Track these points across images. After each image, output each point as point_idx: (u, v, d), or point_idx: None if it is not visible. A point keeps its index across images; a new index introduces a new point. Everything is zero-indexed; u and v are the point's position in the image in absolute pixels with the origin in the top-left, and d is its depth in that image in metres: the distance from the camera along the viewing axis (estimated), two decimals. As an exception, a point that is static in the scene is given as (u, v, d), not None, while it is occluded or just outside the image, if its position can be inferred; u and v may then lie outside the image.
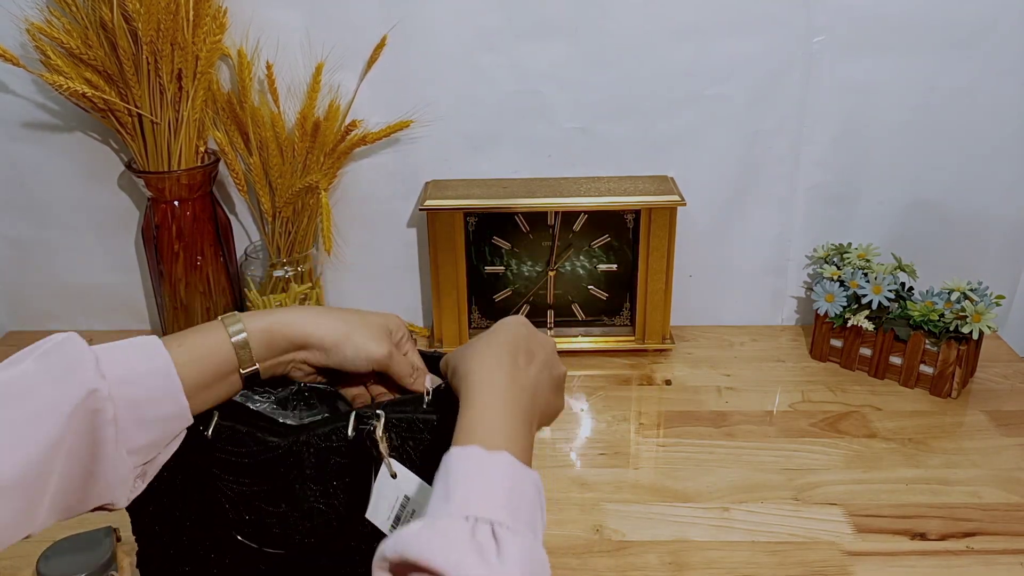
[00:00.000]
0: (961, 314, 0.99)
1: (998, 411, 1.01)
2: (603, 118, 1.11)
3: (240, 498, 0.64)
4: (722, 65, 1.08)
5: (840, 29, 1.05)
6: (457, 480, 0.49)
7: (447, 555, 0.43)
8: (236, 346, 0.57)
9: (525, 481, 0.51)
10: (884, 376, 1.08)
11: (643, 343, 1.15)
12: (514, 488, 0.49)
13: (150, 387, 0.53)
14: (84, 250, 1.19)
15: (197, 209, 1.07)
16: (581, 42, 1.07)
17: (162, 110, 1.01)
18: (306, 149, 1.06)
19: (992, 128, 1.10)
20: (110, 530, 0.79)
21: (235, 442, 0.62)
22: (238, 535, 0.65)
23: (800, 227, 1.17)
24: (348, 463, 0.62)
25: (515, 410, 0.55)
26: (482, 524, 0.45)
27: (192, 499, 0.64)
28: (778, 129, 1.11)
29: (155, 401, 0.53)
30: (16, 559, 0.79)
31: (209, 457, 0.62)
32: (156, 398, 0.53)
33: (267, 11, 1.05)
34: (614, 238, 1.13)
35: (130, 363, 0.53)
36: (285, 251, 1.11)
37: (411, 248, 1.20)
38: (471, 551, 0.44)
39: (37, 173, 1.14)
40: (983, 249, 1.17)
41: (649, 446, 0.96)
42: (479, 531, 0.45)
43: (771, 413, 1.02)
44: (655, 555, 0.79)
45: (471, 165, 1.14)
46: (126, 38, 0.96)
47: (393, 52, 1.06)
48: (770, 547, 0.80)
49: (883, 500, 0.86)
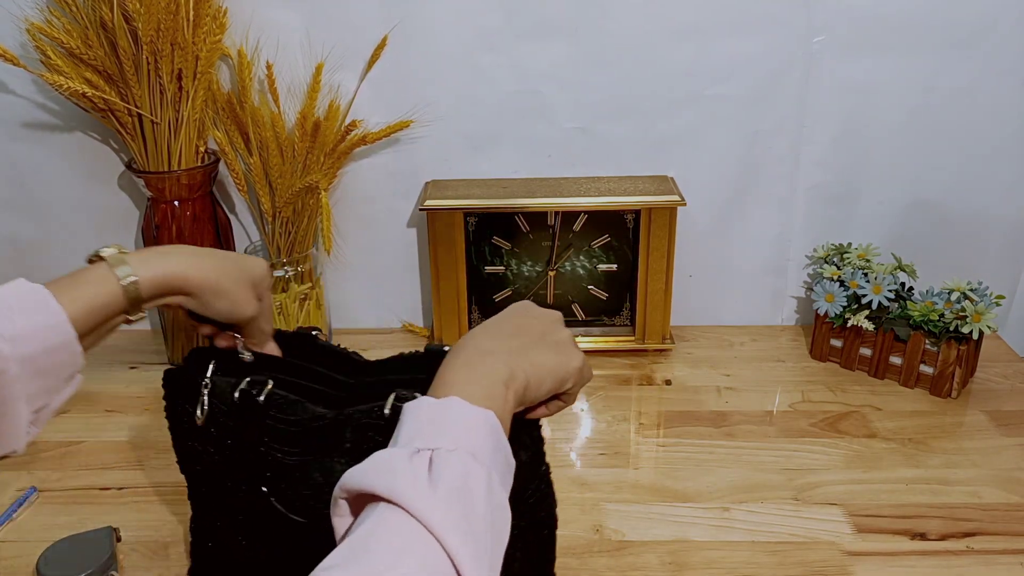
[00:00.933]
0: (961, 314, 0.99)
1: (998, 411, 1.01)
2: (603, 118, 1.11)
3: (281, 467, 0.65)
4: (722, 65, 1.08)
5: (840, 29, 1.05)
6: (403, 425, 0.51)
7: (383, 478, 0.45)
8: (126, 293, 0.59)
9: (477, 417, 0.51)
10: (884, 376, 1.08)
11: (643, 343, 1.15)
12: (460, 422, 0.51)
13: (47, 340, 0.54)
14: (84, 250, 1.17)
15: (197, 209, 1.07)
16: (581, 42, 1.07)
17: (162, 110, 1.01)
18: (306, 149, 1.06)
19: (992, 128, 1.10)
20: (110, 530, 0.79)
21: (285, 410, 0.64)
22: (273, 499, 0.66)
23: (800, 227, 1.18)
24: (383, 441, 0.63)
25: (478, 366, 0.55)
26: (422, 453, 0.47)
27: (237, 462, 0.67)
28: (778, 129, 1.11)
29: (51, 352, 0.55)
30: (16, 559, 0.79)
31: (260, 423, 0.65)
32: (52, 348, 0.55)
33: (267, 11, 1.05)
34: (614, 238, 1.13)
35: (28, 320, 0.54)
36: (285, 251, 1.11)
37: (411, 248, 1.20)
38: (406, 473, 0.45)
39: (37, 173, 1.14)
40: (983, 249, 1.17)
41: (649, 446, 0.96)
42: (417, 458, 0.47)
43: (771, 413, 1.02)
44: (655, 555, 0.79)
45: (471, 165, 1.14)
46: (126, 38, 0.96)
47: (393, 52, 1.06)
48: (770, 547, 0.80)
49: (883, 500, 0.86)
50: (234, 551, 0.71)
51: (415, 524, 0.43)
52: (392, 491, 0.44)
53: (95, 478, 0.91)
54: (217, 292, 0.62)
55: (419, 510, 0.44)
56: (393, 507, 0.44)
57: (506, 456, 0.52)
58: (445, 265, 1.10)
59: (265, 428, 0.65)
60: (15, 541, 0.82)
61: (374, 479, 0.46)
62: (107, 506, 0.87)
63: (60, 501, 0.88)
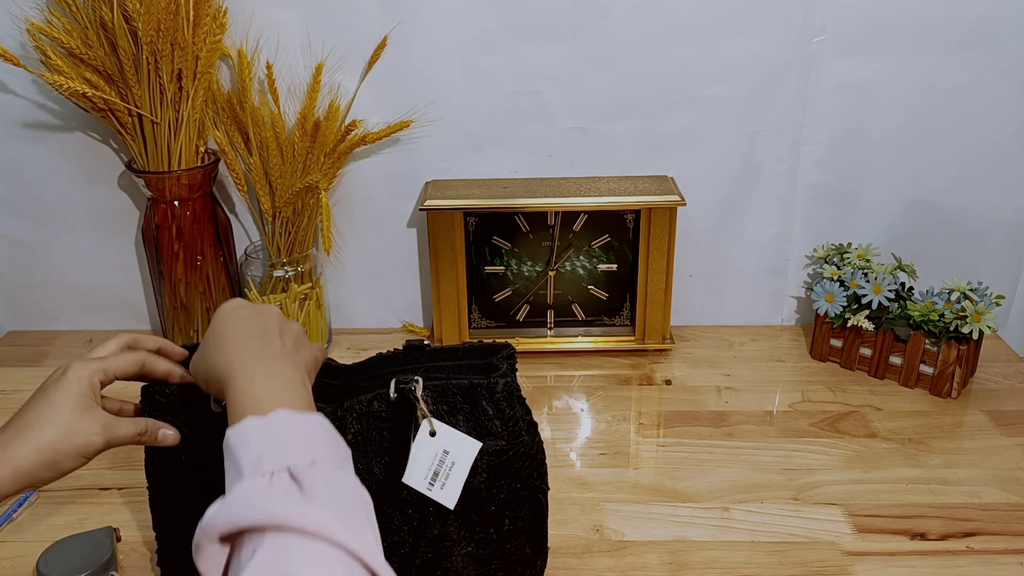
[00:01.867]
0: (961, 314, 0.99)
1: (998, 411, 1.01)
2: (603, 118, 1.11)
3: None
4: (722, 65, 1.08)
5: (840, 29, 1.05)
6: (240, 453, 0.49)
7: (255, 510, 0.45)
8: None
9: (309, 424, 0.52)
10: (884, 376, 1.08)
11: (643, 343, 1.15)
12: (301, 433, 0.51)
13: None
14: (84, 250, 1.19)
15: (197, 209, 1.07)
16: (581, 42, 1.07)
17: (162, 110, 1.01)
18: (306, 149, 1.06)
19: (992, 128, 1.10)
20: (110, 530, 0.79)
21: None
22: None
23: (800, 227, 1.18)
24: (388, 429, 0.66)
25: (274, 374, 0.55)
26: (279, 474, 0.47)
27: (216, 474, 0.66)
28: (778, 129, 1.11)
29: None
30: (16, 559, 0.79)
31: None
32: None
33: (267, 11, 1.05)
34: (614, 238, 1.13)
35: None
36: (285, 251, 1.11)
37: (411, 248, 1.20)
38: (275, 497, 0.45)
39: (37, 173, 1.14)
40: (983, 249, 1.17)
41: (649, 446, 0.96)
42: (276, 480, 0.47)
43: (771, 413, 1.02)
44: (655, 555, 0.79)
45: (471, 165, 1.14)
46: (126, 38, 0.96)
47: (393, 52, 1.06)
48: (770, 547, 0.80)
49: (883, 500, 0.86)
50: None
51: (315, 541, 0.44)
52: (273, 517, 0.44)
53: (95, 478, 0.91)
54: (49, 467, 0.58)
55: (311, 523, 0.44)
56: (280, 532, 0.44)
57: (344, 449, 0.53)
58: (445, 265, 1.10)
59: None
60: (15, 541, 0.82)
61: (245, 514, 0.45)
62: (107, 506, 0.87)
63: (60, 501, 0.88)
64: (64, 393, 0.59)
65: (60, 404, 0.59)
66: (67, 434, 0.58)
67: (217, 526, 0.46)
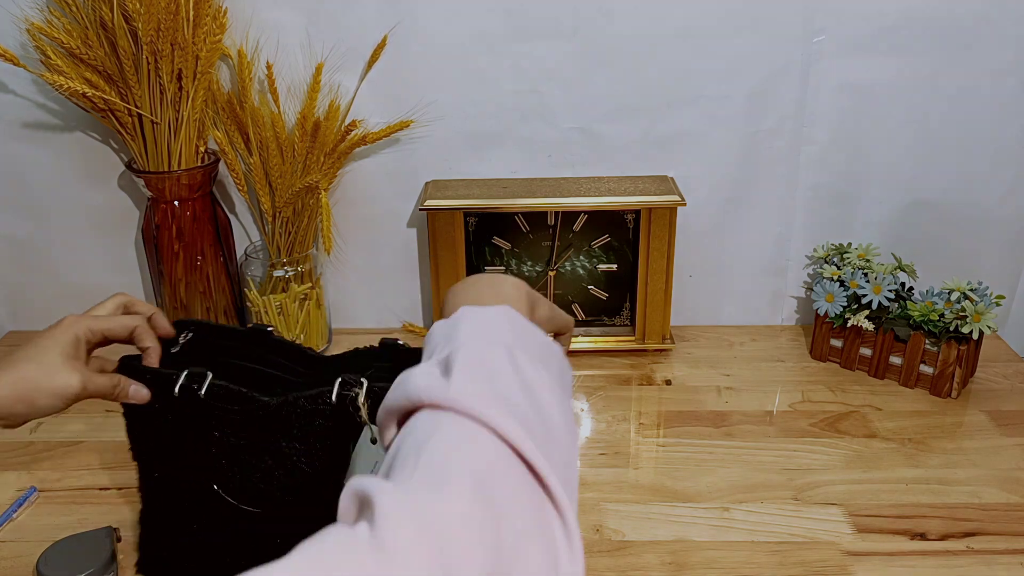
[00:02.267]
0: (961, 314, 0.99)
1: (998, 411, 1.01)
2: (603, 118, 1.11)
3: (231, 450, 0.67)
4: (722, 65, 1.08)
5: (840, 29, 1.05)
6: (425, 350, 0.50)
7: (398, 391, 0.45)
8: None
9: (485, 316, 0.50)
10: (884, 376, 1.08)
11: (643, 343, 1.15)
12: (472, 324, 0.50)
13: None
14: (84, 250, 1.19)
15: (197, 209, 1.07)
16: (581, 42, 1.07)
17: (162, 110, 1.01)
18: (306, 149, 1.06)
19: (992, 128, 1.10)
20: (110, 530, 0.79)
21: (229, 399, 0.66)
22: (218, 487, 0.69)
23: (800, 227, 1.17)
24: (331, 427, 0.66)
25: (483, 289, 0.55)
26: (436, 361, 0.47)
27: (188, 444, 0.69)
28: (778, 129, 1.11)
29: None
30: (16, 559, 0.79)
31: (205, 411, 0.67)
32: None
33: (267, 11, 1.05)
34: (614, 238, 1.13)
35: None
36: (285, 251, 1.11)
37: (411, 248, 1.20)
38: (421, 377, 0.45)
39: (37, 173, 1.14)
40: (983, 249, 1.17)
41: (649, 446, 0.96)
42: (431, 365, 0.47)
43: (771, 413, 1.02)
44: (655, 555, 0.79)
45: (471, 165, 1.14)
46: (126, 38, 0.96)
47: (393, 52, 1.06)
48: (770, 547, 0.80)
49: (883, 500, 0.86)
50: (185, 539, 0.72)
51: (445, 414, 0.42)
52: (409, 397, 0.44)
53: (95, 478, 0.91)
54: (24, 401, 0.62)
55: (444, 399, 0.42)
56: (419, 413, 0.44)
57: (537, 339, 0.51)
58: (445, 265, 1.10)
59: (213, 415, 0.67)
60: (15, 541, 0.82)
61: (393, 397, 0.46)
62: (107, 506, 0.87)
63: (60, 501, 0.88)
64: (52, 340, 0.65)
65: (47, 348, 0.64)
66: (47, 373, 0.63)
67: (382, 409, 0.47)
